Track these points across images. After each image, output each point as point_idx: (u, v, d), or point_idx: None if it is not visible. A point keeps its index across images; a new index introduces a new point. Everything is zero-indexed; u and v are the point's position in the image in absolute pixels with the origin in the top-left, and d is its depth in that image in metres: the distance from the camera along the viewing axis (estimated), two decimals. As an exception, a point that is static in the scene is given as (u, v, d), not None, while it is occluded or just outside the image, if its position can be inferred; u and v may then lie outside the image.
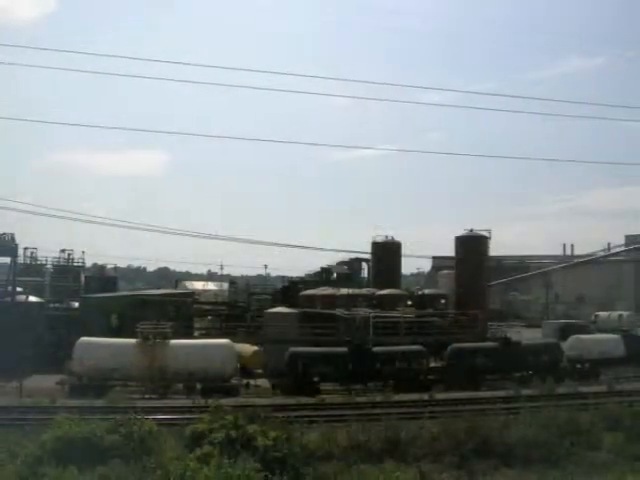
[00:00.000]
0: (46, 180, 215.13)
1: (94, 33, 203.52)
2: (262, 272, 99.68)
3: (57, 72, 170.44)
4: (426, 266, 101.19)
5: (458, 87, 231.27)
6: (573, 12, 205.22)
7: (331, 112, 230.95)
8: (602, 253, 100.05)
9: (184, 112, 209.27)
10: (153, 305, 45.97)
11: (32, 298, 48.51)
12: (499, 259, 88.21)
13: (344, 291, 53.48)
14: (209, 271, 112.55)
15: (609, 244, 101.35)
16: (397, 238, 62.39)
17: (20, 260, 60.40)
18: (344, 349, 36.28)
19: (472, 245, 57.40)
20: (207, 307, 59.59)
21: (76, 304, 51.62)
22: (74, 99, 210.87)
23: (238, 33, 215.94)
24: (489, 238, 57.67)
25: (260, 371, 39.09)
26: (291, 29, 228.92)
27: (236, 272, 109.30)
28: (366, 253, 65.96)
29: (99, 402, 27.73)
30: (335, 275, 69.16)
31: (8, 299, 42.81)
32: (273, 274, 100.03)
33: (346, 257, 72.45)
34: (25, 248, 73.99)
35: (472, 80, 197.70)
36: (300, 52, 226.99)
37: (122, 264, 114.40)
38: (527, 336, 45.82)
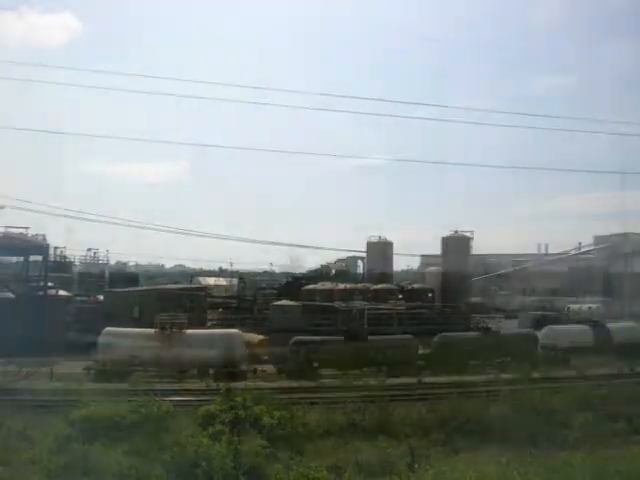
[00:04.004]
0: (76, 186, 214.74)
1: (116, 54, 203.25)
2: (268, 269, 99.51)
3: (80, 89, 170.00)
4: (415, 263, 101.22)
5: (444, 103, 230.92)
6: (550, 33, 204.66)
7: (328, 125, 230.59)
8: (574, 252, 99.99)
9: (199, 125, 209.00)
10: (170, 298, 46.02)
11: (61, 292, 48.65)
12: (481, 257, 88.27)
13: (342, 286, 53.56)
14: (220, 268, 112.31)
15: (580, 244, 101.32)
16: (389, 238, 62.53)
17: (51, 258, 60.63)
18: (342, 338, 36.30)
19: (456, 244, 57.62)
20: (219, 300, 59.58)
21: (101, 298, 51.70)
22: (98, 114, 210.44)
23: (241, 53, 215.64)
24: (472, 238, 57.88)
25: (266, 358, 39.04)
26: (291, 52, 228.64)
27: (245, 268, 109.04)
28: (361, 252, 66.16)
29: (122, 386, 27.73)
30: (334, 271, 69.25)
31: (40, 293, 42.98)
32: (278, 270, 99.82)
33: (343, 255, 72.67)
34: (55, 247, 74.26)
35: (459, 97, 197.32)
36: (300, 69, 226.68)
37: (142, 262, 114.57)
38: (506, 326, 45.74)
